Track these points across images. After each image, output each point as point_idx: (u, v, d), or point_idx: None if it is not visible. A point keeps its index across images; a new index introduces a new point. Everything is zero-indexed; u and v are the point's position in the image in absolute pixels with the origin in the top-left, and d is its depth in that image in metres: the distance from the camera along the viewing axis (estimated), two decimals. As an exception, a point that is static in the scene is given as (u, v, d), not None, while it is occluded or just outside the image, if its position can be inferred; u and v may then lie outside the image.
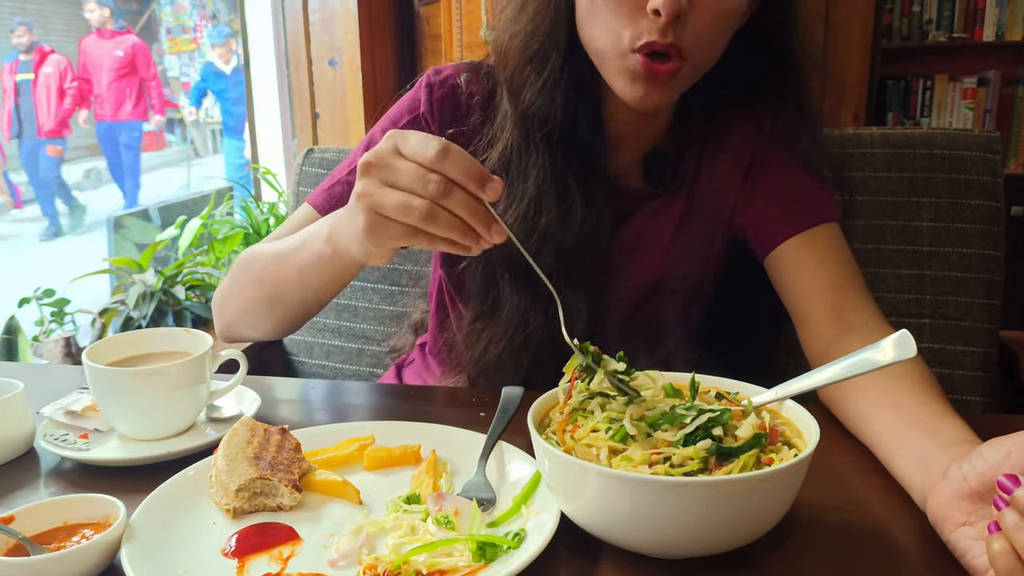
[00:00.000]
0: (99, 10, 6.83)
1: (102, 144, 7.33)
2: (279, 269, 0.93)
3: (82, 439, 0.82)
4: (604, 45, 0.88)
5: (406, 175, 0.68)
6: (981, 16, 3.08)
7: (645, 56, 0.85)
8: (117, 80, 6.93)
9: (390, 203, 0.69)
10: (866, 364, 0.63)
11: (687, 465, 0.59)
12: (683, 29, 0.84)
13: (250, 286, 0.99)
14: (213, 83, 7.02)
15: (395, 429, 0.82)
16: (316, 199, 1.04)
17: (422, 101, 1.02)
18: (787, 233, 0.96)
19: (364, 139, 1.05)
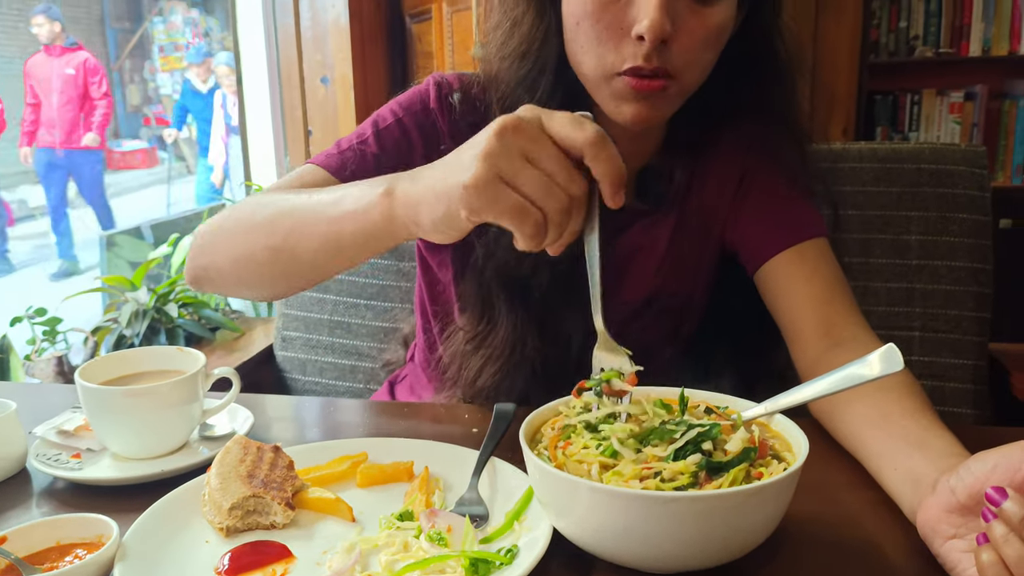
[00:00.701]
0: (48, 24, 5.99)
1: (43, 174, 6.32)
2: (301, 219, 0.81)
3: (75, 459, 0.82)
4: (591, 69, 0.88)
5: (555, 162, 0.63)
6: (967, 31, 3.12)
7: (632, 76, 0.85)
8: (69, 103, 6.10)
9: (529, 176, 0.63)
10: (854, 379, 0.63)
11: (677, 480, 0.59)
12: (669, 53, 0.84)
13: (255, 231, 0.86)
14: (191, 102, 6.77)
15: (388, 446, 0.82)
16: (329, 163, 0.96)
17: (432, 97, 1.00)
18: (776, 248, 0.97)
19: (371, 118, 1.01)
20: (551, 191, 0.63)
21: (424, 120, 1.00)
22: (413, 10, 3.10)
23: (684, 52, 0.85)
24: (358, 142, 0.98)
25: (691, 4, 0.84)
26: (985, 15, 3.09)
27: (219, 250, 0.90)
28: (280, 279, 0.89)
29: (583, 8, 0.86)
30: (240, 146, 3.04)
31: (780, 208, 0.99)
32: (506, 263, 0.95)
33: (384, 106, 1.02)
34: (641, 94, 0.86)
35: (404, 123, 0.99)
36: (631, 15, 0.83)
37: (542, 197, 0.63)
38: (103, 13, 9.98)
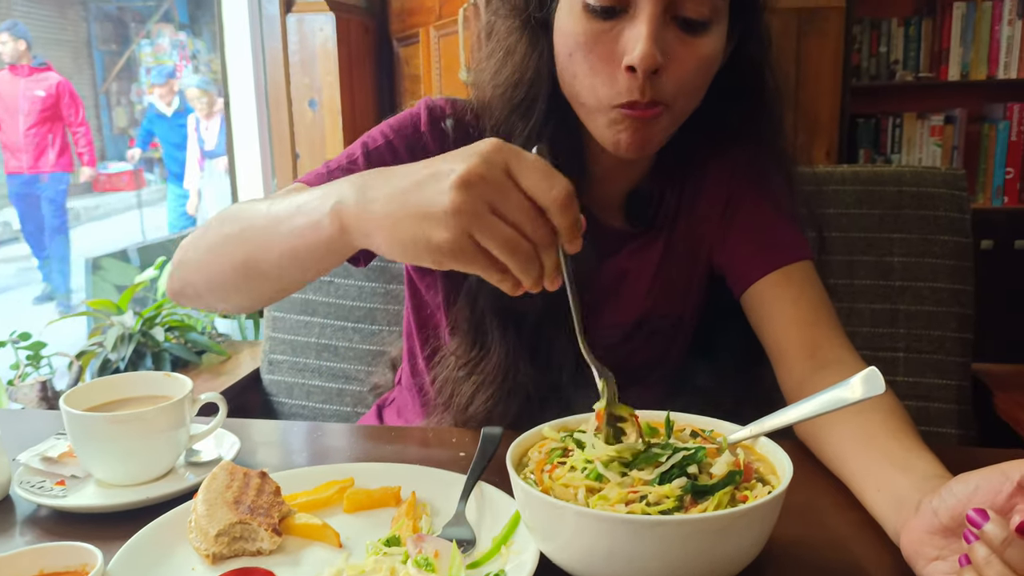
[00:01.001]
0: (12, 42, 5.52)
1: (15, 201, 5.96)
2: (264, 233, 0.79)
3: (59, 486, 0.81)
4: (585, 99, 0.89)
5: (521, 209, 0.61)
6: (946, 56, 3.17)
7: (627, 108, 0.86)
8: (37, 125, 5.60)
9: (497, 233, 0.61)
10: (837, 401, 0.64)
11: (663, 503, 0.60)
12: (661, 83, 0.85)
13: (224, 246, 0.85)
14: (156, 125, 6.45)
15: (375, 471, 0.82)
16: (316, 181, 0.95)
17: (423, 121, 1.01)
18: (762, 271, 0.98)
19: (360, 139, 1.01)
20: (518, 246, 0.62)
21: (415, 143, 1.00)
22: (400, 34, 3.12)
23: (675, 81, 0.86)
24: (347, 162, 0.98)
25: (680, 35, 0.85)
26: (963, 40, 3.14)
27: (194, 265, 0.89)
28: (252, 291, 0.87)
29: (575, 40, 0.87)
30: (227, 169, 3.04)
31: (766, 231, 1.01)
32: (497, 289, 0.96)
33: (375, 128, 1.03)
34: (636, 122, 0.87)
35: (394, 145, 1.00)
36: (621, 45, 0.85)
37: (510, 253, 0.62)
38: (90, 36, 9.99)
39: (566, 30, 0.89)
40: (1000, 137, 3.16)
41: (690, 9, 0.84)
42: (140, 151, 7.04)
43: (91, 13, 9.87)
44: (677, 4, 0.84)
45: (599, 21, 0.86)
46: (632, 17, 0.84)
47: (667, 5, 0.83)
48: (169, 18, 9.99)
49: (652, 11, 0.83)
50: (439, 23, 2.77)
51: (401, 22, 3.11)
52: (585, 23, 0.86)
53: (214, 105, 5.90)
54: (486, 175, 0.61)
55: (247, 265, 0.82)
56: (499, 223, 0.61)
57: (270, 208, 0.79)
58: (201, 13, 10.18)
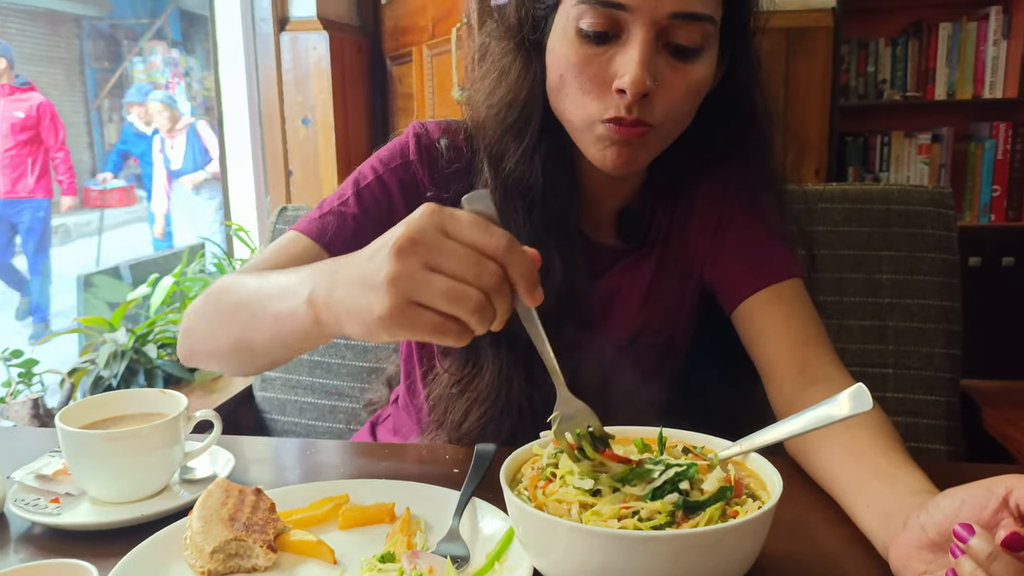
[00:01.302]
0: None
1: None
2: (253, 314, 0.81)
3: (53, 503, 0.82)
4: (573, 117, 0.91)
5: (460, 259, 0.61)
6: (932, 76, 3.21)
7: (614, 123, 0.87)
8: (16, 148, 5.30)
9: (435, 288, 0.61)
10: (825, 418, 0.65)
11: (655, 519, 0.60)
12: (650, 106, 0.87)
13: (221, 321, 0.88)
14: (134, 145, 6.27)
15: (369, 487, 0.82)
16: (311, 229, 0.98)
17: (412, 149, 1.02)
18: (752, 288, 0.99)
19: (352, 175, 1.03)
20: (463, 293, 0.61)
21: (404, 175, 1.02)
22: (394, 53, 3.15)
23: (664, 105, 0.88)
24: (339, 203, 1.00)
25: (671, 60, 0.87)
26: (949, 60, 3.19)
27: (197, 335, 0.93)
28: (247, 364, 0.90)
29: (567, 61, 0.89)
30: (220, 186, 3.05)
31: (756, 249, 1.02)
32: None
33: (365, 162, 1.04)
34: (622, 139, 0.88)
35: (384, 180, 1.01)
36: (613, 69, 0.86)
37: (454, 302, 0.61)
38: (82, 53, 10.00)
39: (559, 52, 0.90)
40: (986, 155, 3.20)
41: (682, 36, 0.86)
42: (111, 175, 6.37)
43: (84, 30, 9.89)
44: (669, 31, 0.85)
45: (592, 45, 0.87)
46: (624, 43, 0.86)
47: (659, 32, 0.85)
48: (162, 36, 10.02)
49: (644, 37, 0.84)
50: (432, 42, 2.79)
51: (394, 41, 3.13)
52: (578, 46, 0.88)
53: (178, 122, 5.78)
54: (418, 238, 0.62)
55: (240, 343, 0.85)
56: (437, 278, 0.61)
57: (260, 286, 0.81)
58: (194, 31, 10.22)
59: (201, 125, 5.87)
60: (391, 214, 1.00)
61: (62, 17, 9.41)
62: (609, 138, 0.89)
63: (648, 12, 0.84)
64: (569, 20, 0.88)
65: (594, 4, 0.85)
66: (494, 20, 1.02)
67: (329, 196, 1.03)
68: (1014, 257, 3.05)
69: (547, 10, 0.93)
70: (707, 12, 0.86)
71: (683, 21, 0.85)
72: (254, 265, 0.97)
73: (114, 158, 6.51)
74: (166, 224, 5.91)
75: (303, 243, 0.97)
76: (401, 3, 3.04)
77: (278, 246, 0.98)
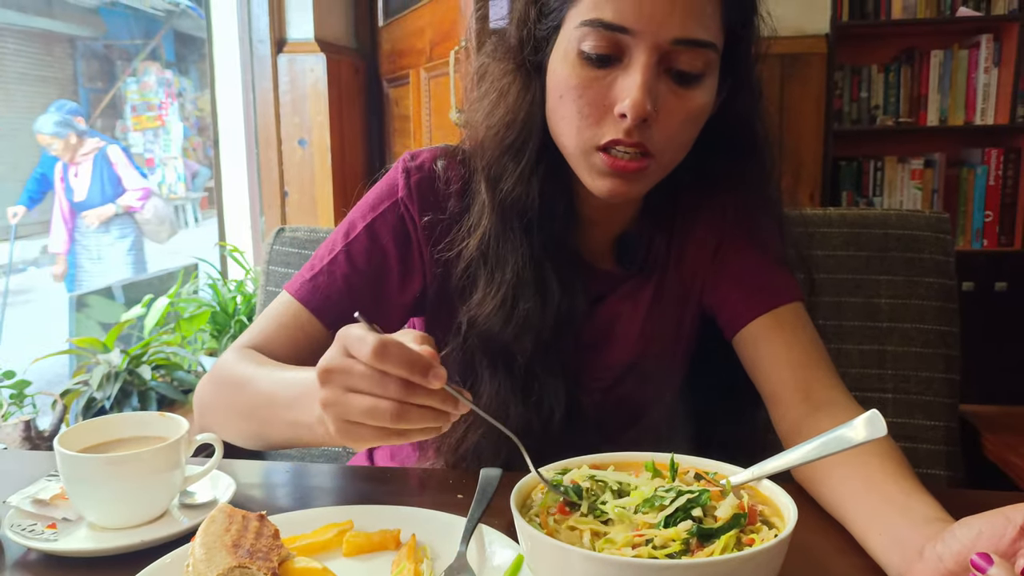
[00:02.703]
0: None
1: None
2: (268, 418, 0.86)
3: (50, 529, 0.80)
4: (570, 142, 0.90)
5: (364, 379, 0.67)
6: (924, 102, 3.24)
7: (610, 155, 0.87)
8: None
9: (356, 409, 0.67)
10: (839, 443, 0.64)
11: (669, 547, 0.60)
12: (649, 132, 0.86)
13: (235, 414, 0.93)
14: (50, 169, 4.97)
15: (373, 513, 0.81)
16: (301, 292, 1.00)
17: (400, 186, 1.02)
18: (753, 313, 0.99)
19: (343, 224, 1.04)
20: (375, 408, 0.67)
21: (392, 217, 1.01)
22: (391, 75, 3.16)
23: (664, 132, 0.87)
24: (328, 261, 1.01)
25: (672, 86, 0.86)
26: (941, 87, 3.22)
27: (213, 421, 0.97)
28: (268, 448, 0.96)
29: (567, 83, 0.88)
30: (216, 207, 3.04)
31: (757, 274, 1.02)
32: (488, 329, 0.96)
33: (356, 207, 1.04)
34: (618, 172, 0.88)
35: (374, 229, 1.01)
36: (614, 93, 0.86)
37: (373, 417, 0.67)
38: (75, 73, 10.02)
39: (560, 74, 0.90)
40: (978, 181, 3.23)
41: (684, 62, 0.86)
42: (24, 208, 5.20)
43: (78, 51, 9.91)
44: (671, 56, 0.85)
45: (593, 68, 0.87)
46: (626, 66, 0.85)
47: (661, 56, 0.85)
48: (156, 56, 10.06)
49: (647, 61, 0.84)
50: (429, 65, 2.80)
51: (391, 63, 3.15)
52: (579, 69, 0.87)
53: (80, 148, 4.78)
54: (331, 367, 0.68)
55: (259, 436, 0.92)
56: (354, 398, 0.68)
57: (272, 391, 0.86)
58: (188, 52, 10.26)
59: (113, 151, 4.87)
60: (384, 264, 1.01)
61: (57, 37, 9.43)
62: (605, 170, 0.89)
63: (651, 36, 0.84)
64: (571, 42, 0.88)
65: (597, 27, 0.85)
66: (493, 41, 1.02)
67: (321, 248, 1.03)
68: (1007, 282, 3.07)
69: (549, 31, 0.92)
70: (710, 39, 0.86)
71: (686, 47, 0.85)
72: (255, 339, 0.99)
73: (30, 192, 5.18)
74: (68, 267, 4.96)
75: (295, 311, 0.99)
76: (398, 26, 3.05)
77: (275, 315, 1.01)
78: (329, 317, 0.99)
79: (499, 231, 0.96)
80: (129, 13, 9.78)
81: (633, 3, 0.83)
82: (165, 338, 2.04)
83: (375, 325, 0.68)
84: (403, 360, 0.65)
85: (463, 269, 0.98)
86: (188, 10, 9.52)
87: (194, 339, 2.19)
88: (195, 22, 9.34)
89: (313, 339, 0.99)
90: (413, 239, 1.01)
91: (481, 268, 0.97)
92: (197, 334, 2.18)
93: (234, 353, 0.96)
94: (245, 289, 2.35)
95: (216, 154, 3.05)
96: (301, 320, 0.99)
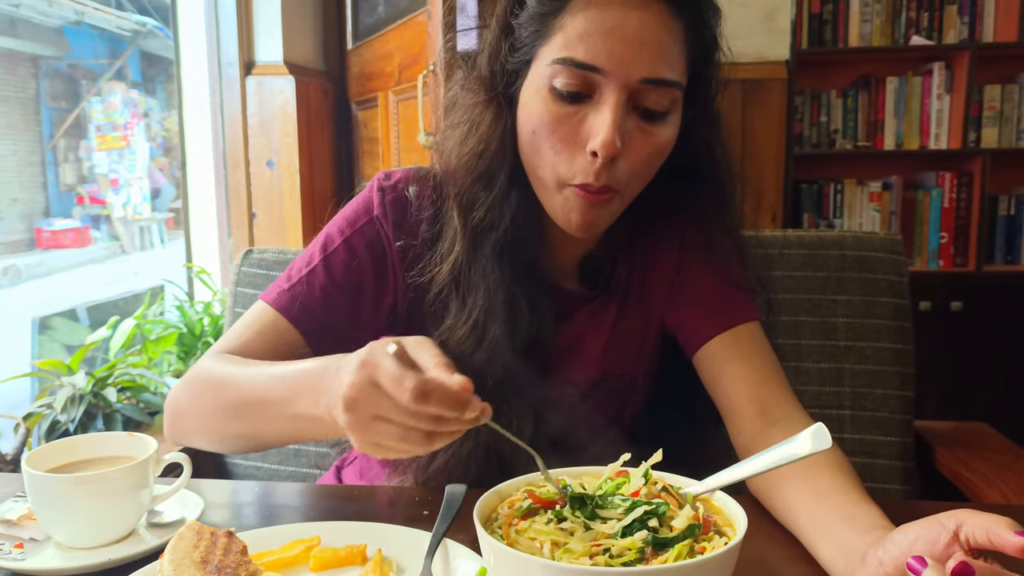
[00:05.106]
0: None
1: None
2: (264, 411, 0.87)
3: (17, 549, 0.80)
4: (544, 176, 0.93)
5: (395, 412, 0.68)
6: (881, 127, 3.34)
7: (580, 189, 0.91)
8: None
9: (385, 436, 0.69)
10: (787, 456, 0.67)
11: (625, 556, 0.62)
12: (616, 169, 0.90)
13: (223, 416, 0.92)
14: None
15: (340, 529, 0.83)
16: (280, 302, 1.00)
17: (375, 204, 1.04)
18: (712, 333, 1.02)
19: (319, 237, 1.05)
20: (406, 437, 0.69)
21: (370, 233, 1.03)
22: (359, 98, 3.18)
23: (630, 168, 0.91)
24: (307, 272, 1.02)
25: (640, 123, 0.90)
26: (896, 112, 3.32)
27: (192, 428, 0.97)
28: (254, 449, 0.97)
29: (540, 118, 0.91)
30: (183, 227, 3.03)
31: (714, 295, 1.05)
32: (460, 353, 0.98)
33: (332, 222, 1.06)
34: (586, 204, 0.92)
35: (351, 243, 1.03)
36: (585, 130, 0.89)
37: (401, 443, 0.70)
38: (39, 92, 9.90)
39: (531, 109, 0.92)
40: (934, 203, 3.32)
41: (651, 101, 0.89)
42: None
43: (41, 70, 9.79)
44: (640, 95, 0.89)
45: (565, 104, 0.90)
46: (596, 103, 0.89)
47: (630, 95, 0.88)
48: (122, 76, 9.97)
49: (617, 99, 0.87)
50: (398, 88, 2.83)
51: (360, 86, 3.17)
52: (551, 105, 0.90)
53: None
54: (357, 396, 0.69)
55: (251, 436, 0.92)
56: (383, 427, 0.69)
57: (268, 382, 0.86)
58: (155, 72, 10.18)
59: None
60: (361, 278, 1.02)
61: (20, 57, 9.32)
62: (575, 203, 0.92)
63: (622, 76, 0.87)
64: (543, 78, 0.90)
65: (569, 65, 0.88)
66: (463, 69, 1.05)
67: (297, 260, 1.05)
68: (962, 302, 3.15)
69: (519, 65, 0.95)
70: (676, 79, 0.90)
71: (654, 86, 0.88)
72: (231, 346, 0.99)
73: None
74: None
75: (272, 319, 1.00)
76: (367, 49, 3.08)
77: (252, 323, 1.01)
78: (306, 326, 1.00)
79: (471, 257, 0.98)
80: (95, 33, 9.70)
81: (604, 44, 0.87)
82: (131, 360, 2.03)
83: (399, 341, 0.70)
84: (442, 402, 0.67)
85: (435, 294, 1.00)
86: (155, 30, 9.47)
87: (160, 361, 2.18)
88: (162, 42, 9.29)
89: (292, 347, 1.00)
90: (388, 257, 1.03)
91: (453, 294, 1.00)
92: (164, 356, 2.17)
93: (212, 357, 0.97)
94: (212, 311, 2.35)
95: (184, 175, 3.04)
96: (279, 328, 1.00)
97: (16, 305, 6.26)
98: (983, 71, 3.23)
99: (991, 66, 3.27)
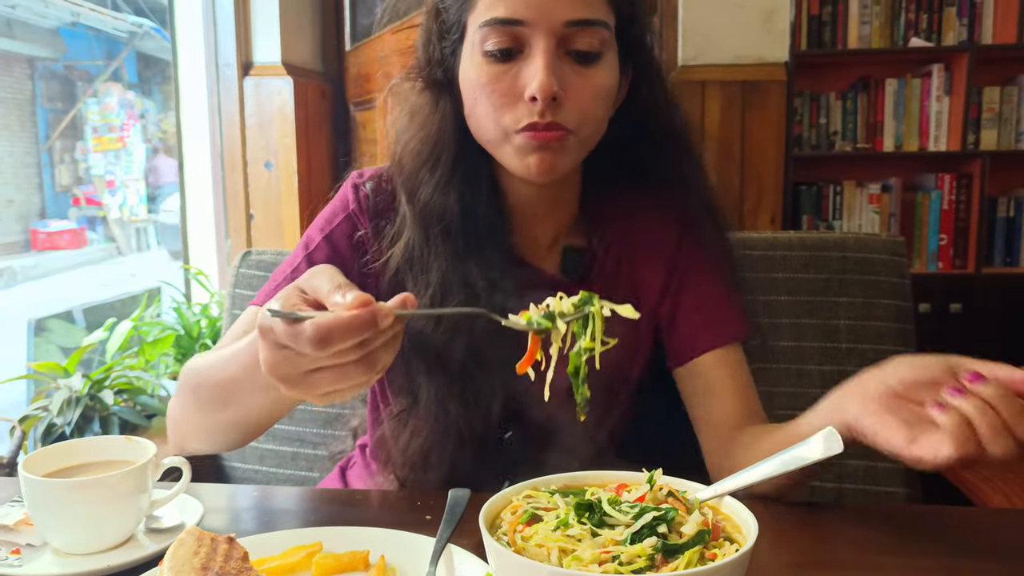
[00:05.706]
0: None
1: None
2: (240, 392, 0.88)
3: (14, 555, 0.79)
4: (491, 133, 0.96)
5: (316, 362, 0.69)
6: (881, 128, 3.34)
7: (530, 131, 0.93)
8: None
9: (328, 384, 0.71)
10: (798, 460, 0.67)
11: (635, 563, 0.61)
12: (562, 110, 0.92)
13: (210, 410, 0.94)
14: None
15: (342, 535, 0.81)
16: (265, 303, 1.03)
17: (351, 199, 1.07)
18: (703, 348, 1.04)
19: (302, 240, 1.08)
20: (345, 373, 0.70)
21: (348, 228, 1.06)
22: (357, 99, 3.17)
23: (575, 108, 0.93)
24: (291, 273, 1.04)
25: (575, 67, 0.94)
26: (896, 114, 3.32)
27: (188, 431, 0.99)
28: (245, 437, 0.98)
29: (477, 82, 0.95)
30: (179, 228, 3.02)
31: (709, 310, 1.06)
32: (420, 333, 1.00)
33: (312, 224, 1.09)
34: (541, 144, 0.93)
35: (332, 239, 1.06)
36: (522, 82, 0.92)
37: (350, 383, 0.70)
38: (35, 93, 9.87)
39: (470, 78, 0.96)
40: (933, 205, 3.32)
41: (581, 42, 0.93)
42: None
43: (37, 71, 9.77)
44: (568, 39, 0.92)
45: (499, 64, 0.93)
46: (528, 56, 0.92)
47: (559, 40, 0.92)
48: (118, 77, 9.94)
49: (545, 46, 0.91)
50: (396, 89, 2.81)
51: (358, 87, 3.16)
52: (486, 67, 0.94)
53: None
54: (276, 364, 0.70)
55: (239, 422, 0.94)
56: (317, 377, 0.70)
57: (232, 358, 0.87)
58: (151, 73, 10.16)
59: None
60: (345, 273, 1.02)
61: (15, 58, 9.29)
62: (528, 146, 0.94)
63: (545, 23, 0.91)
64: (475, 46, 0.95)
65: (494, 24, 0.92)
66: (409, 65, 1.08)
67: (282, 265, 1.08)
68: (961, 304, 3.15)
69: (454, 44, 0.99)
70: (599, 17, 0.94)
71: (579, 27, 0.92)
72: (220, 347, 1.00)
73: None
74: None
75: None
76: (365, 50, 3.07)
77: (241, 328, 1.03)
78: None
79: (421, 239, 1.01)
80: (91, 34, 9.68)
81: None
82: (128, 362, 2.01)
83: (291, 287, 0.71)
84: (347, 332, 0.66)
85: (391, 277, 1.02)
86: (152, 32, 9.44)
87: (158, 363, 2.16)
88: (158, 43, 9.27)
89: None
90: (368, 248, 1.05)
91: (408, 274, 1.01)
92: (161, 358, 2.16)
93: (191, 360, 0.99)
94: (210, 312, 2.33)
95: (181, 176, 3.02)
96: None
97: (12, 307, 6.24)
98: (982, 73, 3.22)
99: (990, 68, 3.27)
